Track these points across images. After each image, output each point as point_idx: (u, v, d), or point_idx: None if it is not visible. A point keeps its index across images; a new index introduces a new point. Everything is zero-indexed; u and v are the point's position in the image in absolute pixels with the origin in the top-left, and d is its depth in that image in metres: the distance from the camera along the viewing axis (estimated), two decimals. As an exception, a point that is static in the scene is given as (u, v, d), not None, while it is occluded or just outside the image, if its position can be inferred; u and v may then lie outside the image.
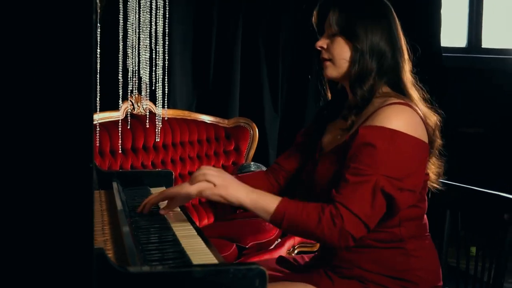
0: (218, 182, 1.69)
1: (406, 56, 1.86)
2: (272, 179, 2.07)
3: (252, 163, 3.61)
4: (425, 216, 1.88)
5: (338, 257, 1.83)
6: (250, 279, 1.25)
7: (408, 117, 1.73)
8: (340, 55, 1.83)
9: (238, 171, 3.53)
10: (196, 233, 1.68)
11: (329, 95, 2.00)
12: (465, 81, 5.05)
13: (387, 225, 1.77)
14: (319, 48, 1.86)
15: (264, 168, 3.55)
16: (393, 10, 1.87)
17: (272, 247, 3.06)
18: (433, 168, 1.87)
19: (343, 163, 1.74)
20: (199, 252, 1.50)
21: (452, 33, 5.23)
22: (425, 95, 1.88)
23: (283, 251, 3.09)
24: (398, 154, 1.68)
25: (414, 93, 1.84)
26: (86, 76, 1.15)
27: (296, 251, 3.26)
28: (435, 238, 1.93)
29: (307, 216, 1.66)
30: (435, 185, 1.89)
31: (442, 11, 4.73)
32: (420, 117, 1.77)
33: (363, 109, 1.80)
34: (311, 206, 1.69)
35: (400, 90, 1.82)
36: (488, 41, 5.28)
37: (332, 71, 1.86)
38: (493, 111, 5.05)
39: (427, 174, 1.83)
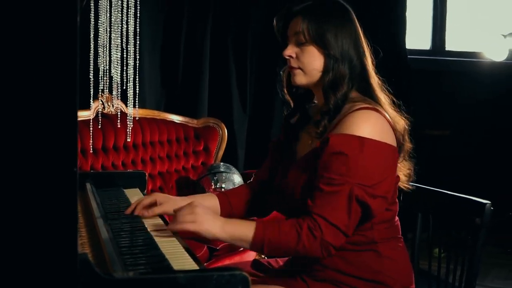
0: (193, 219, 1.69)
1: (369, 59, 1.87)
2: (253, 191, 2.06)
3: (221, 163, 3.61)
4: (397, 218, 1.89)
5: (311, 260, 1.83)
6: (233, 285, 1.26)
7: (375, 122, 1.74)
8: (311, 64, 1.82)
9: (207, 172, 3.52)
10: (173, 237, 1.67)
11: (290, 101, 1.98)
12: (430, 83, 5.11)
13: (360, 228, 1.78)
14: (287, 57, 1.85)
15: (233, 169, 3.56)
16: (354, 15, 1.87)
17: (242, 248, 3.05)
18: (404, 170, 1.89)
19: (314, 170, 1.75)
20: (178, 257, 1.49)
21: (416, 36, 5.29)
22: (393, 99, 1.89)
23: (253, 253, 3.08)
24: (369, 161, 1.70)
25: (383, 96, 1.86)
26: (70, 78, 1.14)
27: (266, 253, 3.25)
28: (406, 241, 1.95)
29: (286, 236, 1.68)
30: (406, 185, 1.91)
31: (407, 13, 4.79)
32: (388, 121, 1.79)
33: (335, 116, 1.80)
34: (287, 224, 1.70)
35: (369, 95, 1.84)
36: (451, 44, 5.36)
37: (302, 79, 1.85)
38: (459, 113, 5.12)
39: (398, 177, 1.85)
